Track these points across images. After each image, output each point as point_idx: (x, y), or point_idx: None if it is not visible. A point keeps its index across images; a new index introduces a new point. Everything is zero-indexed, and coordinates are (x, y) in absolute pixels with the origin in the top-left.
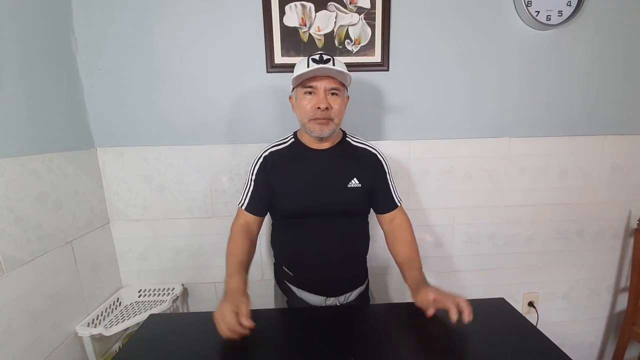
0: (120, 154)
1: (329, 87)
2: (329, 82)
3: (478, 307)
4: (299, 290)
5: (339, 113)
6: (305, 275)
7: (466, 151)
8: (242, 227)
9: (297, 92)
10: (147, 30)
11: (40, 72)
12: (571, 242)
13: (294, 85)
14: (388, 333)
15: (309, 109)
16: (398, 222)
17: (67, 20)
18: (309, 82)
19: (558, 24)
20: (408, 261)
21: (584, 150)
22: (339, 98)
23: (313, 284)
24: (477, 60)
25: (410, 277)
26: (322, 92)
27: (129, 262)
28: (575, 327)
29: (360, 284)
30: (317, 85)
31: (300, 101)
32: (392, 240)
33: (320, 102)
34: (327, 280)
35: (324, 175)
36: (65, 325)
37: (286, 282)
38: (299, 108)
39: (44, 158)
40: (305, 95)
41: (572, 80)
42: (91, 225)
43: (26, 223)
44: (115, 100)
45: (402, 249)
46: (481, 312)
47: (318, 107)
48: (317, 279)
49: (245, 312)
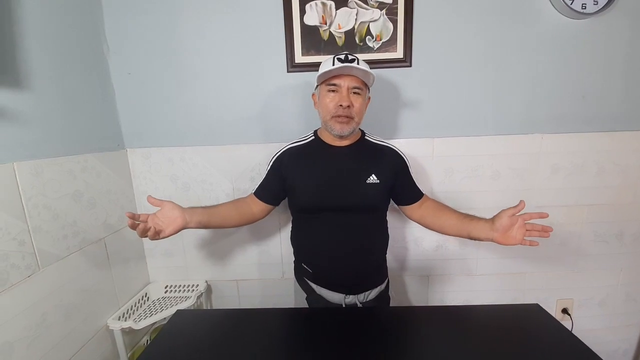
0: (148, 154)
1: (351, 85)
2: (352, 80)
3: (511, 313)
4: (318, 288)
5: (359, 112)
6: (323, 271)
7: (493, 149)
8: (241, 201)
9: (320, 89)
10: (171, 34)
11: (74, 76)
12: (609, 245)
13: (318, 82)
14: (413, 338)
15: (331, 106)
16: (429, 202)
17: (99, 26)
18: (332, 80)
19: (594, 13)
20: (464, 217)
21: (623, 146)
22: (360, 97)
23: (331, 280)
24: (505, 52)
25: (477, 222)
26: (345, 90)
27: (156, 258)
28: (610, 335)
29: (380, 282)
30: (340, 83)
31: (323, 98)
32: (431, 218)
33: (342, 99)
34: (345, 275)
35: (342, 170)
36: (97, 319)
37: (305, 279)
38: (322, 105)
39: (78, 159)
40: (328, 92)
41: (610, 72)
42: (122, 222)
43: (63, 220)
44: (143, 103)
45: (450, 214)
46: (515, 318)
47: (340, 105)
48: (335, 274)
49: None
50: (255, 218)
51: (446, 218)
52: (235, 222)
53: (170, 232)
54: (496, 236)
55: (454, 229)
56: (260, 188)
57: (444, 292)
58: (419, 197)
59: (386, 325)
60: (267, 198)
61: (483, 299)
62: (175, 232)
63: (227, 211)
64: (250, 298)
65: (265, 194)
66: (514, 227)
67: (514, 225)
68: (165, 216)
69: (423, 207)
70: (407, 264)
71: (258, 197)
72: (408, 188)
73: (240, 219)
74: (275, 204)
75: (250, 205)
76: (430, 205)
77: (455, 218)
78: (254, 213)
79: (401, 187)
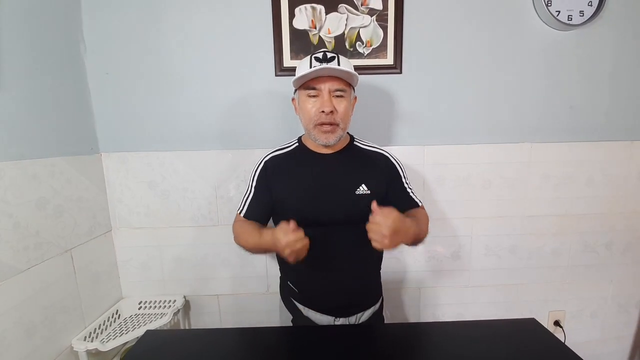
0: (125, 159)
1: (333, 88)
2: (333, 82)
3: (507, 328)
4: (305, 309)
5: (344, 117)
6: (311, 291)
7: (484, 157)
8: (244, 220)
9: (299, 94)
10: (154, 35)
11: (46, 74)
12: (600, 256)
13: (296, 87)
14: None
15: (312, 113)
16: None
17: (77, 24)
18: (311, 83)
19: (580, 24)
20: (410, 215)
21: (611, 156)
22: (344, 100)
23: (320, 301)
24: (495, 62)
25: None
26: (326, 94)
27: (130, 271)
28: (603, 346)
29: (373, 302)
30: (320, 87)
31: (303, 104)
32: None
33: (324, 105)
34: (335, 297)
35: (329, 181)
36: (61, 338)
37: (292, 299)
38: (302, 112)
39: (45, 162)
40: (308, 98)
41: (596, 83)
42: (92, 232)
43: (24, 229)
44: (122, 104)
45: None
46: (511, 333)
47: (322, 111)
48: (324, 295)
49: (292, 225)
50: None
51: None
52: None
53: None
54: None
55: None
56: (249, 208)
57: (436, 305)
58: (411, 206)
59: (379, 343)
60: (261, 218)
61: (475, 312)
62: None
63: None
64: (232, 314)
65: (259, 215)
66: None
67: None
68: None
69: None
70: (398, 276)
71: (248, 218)
72: (400, 198)
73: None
74: (266, 223)
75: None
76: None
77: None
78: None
79: (393, 197)
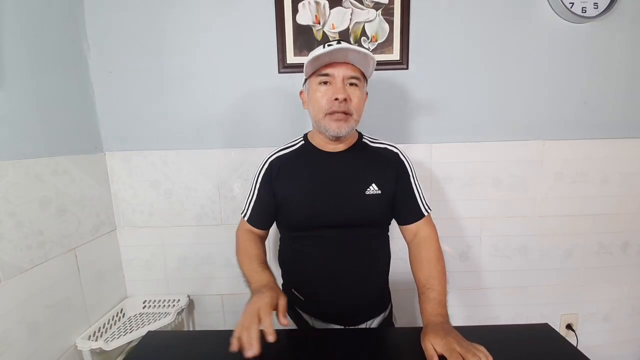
0: (129, 158)
1: (347, 75)
2: (347, 69)
3: (520, 333)
4: (311, 319)
5: (358, 108)
6: (318, 300)
7: (494, 155)
8: (249, 231)
9: (310, 84)
10: (157, 33)
11: (49, 73)
12: (614, 257)
13: (307, 75)
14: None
15: (324, 101)
16: (421, 236)
17: (80, 22)
18: (324, 69)
19: (594, 16)
20: (424, 289)
21: (627, 154)
22: (358, 90)
23: (327, 310)
24: (505, 56)
25: (424, 310)
26: (339, 80)
27: (134, 270)
28: (615, 350)
29: (383, 309)
30: (334, 72)
31: (313, 94)
32: (412, 258)
33: (337, 92)
34: (343, 305)
35: (338, 181)
36: (65, 337)
37: (296, 308)
38: (312, 102)
39: (48, 161)
40: (319, 86)
41: (611, 77)
42: (97, 231)
43: (27, 229)
44: (125, 103)
45: (421, 272)
46: (524, 339)
47: (335, 99)
48: (332, 304)
49: (283, 307)
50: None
51: (415, 274)
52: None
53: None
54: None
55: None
56: (254, 213)
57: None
58: (415, 219)
59: (387, 347)
60: (266, 224)
61: (484, 315)
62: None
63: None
64: (237, 314)
65: (263, 220)
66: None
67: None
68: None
69: (416, 238)
70: (405, 277)
71: (256, 226)
72: (406, 203)
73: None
74: (269, 227)
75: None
76: (419, 242)
77: (419, 282)
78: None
79: (399, 200)
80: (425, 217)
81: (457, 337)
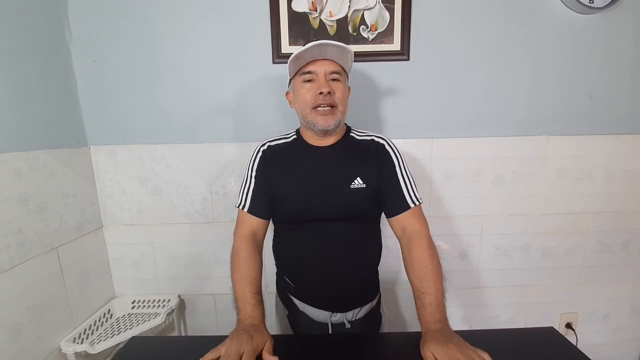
0: (115, 152)
1: (329, 70)
2: (328, 65)
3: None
4: (301, 304)
5: (342, 100)
6: (307, 287)
7: (496, 151)
8: (249, 238)
9: (295, 83)
10: (144, 20)
11: (28, 62)
12: (616, 255)
13: (291, 74)
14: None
15: (309, 97)
16: (410, 231)
17: (62, 9)
18: (306, 67)
19: (603, 7)
20: (419, 293)
21: (633, 150)
22: (340, 84)
23: (316, 296)
24: (509, 48)
25: (421, 317)
26: (322, 76)
27: (122, 269)
28: (614, 349)
29: (370, 298)
30: (316, 69)
31: (298, 91)
32: (404, 259)
33: (321, 86)
34: (331, 292)
35: (325, 175)
36: (49, 340)
37: (288, 293)
38: (298, 100)
39: (27, 155)
40: (304, 83)
41: (618, 71)
42: (82, 230)
43: (5, 227)
44: (111, 94)
45: (414, 274)
46: (528, 343)
47: (320, 92)
48: (320, 290)
49: (269, 349)
50: (262, 245)
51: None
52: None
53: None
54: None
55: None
56: (254, 203)
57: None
58: (400, 210)
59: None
60: (267, 212)
61: (484, 314)
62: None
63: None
64: (229, 314)
65: (264, 207)
66: None
67: None
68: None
69: (405, 234)
70: (400, 276)
71: (257, 214)
72: (390, 193)
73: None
74: (270, 217)
75: (256, 235)
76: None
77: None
78: (260, 240)
79: (384, 192)
80: (413, 209)
81: (458, 343)
